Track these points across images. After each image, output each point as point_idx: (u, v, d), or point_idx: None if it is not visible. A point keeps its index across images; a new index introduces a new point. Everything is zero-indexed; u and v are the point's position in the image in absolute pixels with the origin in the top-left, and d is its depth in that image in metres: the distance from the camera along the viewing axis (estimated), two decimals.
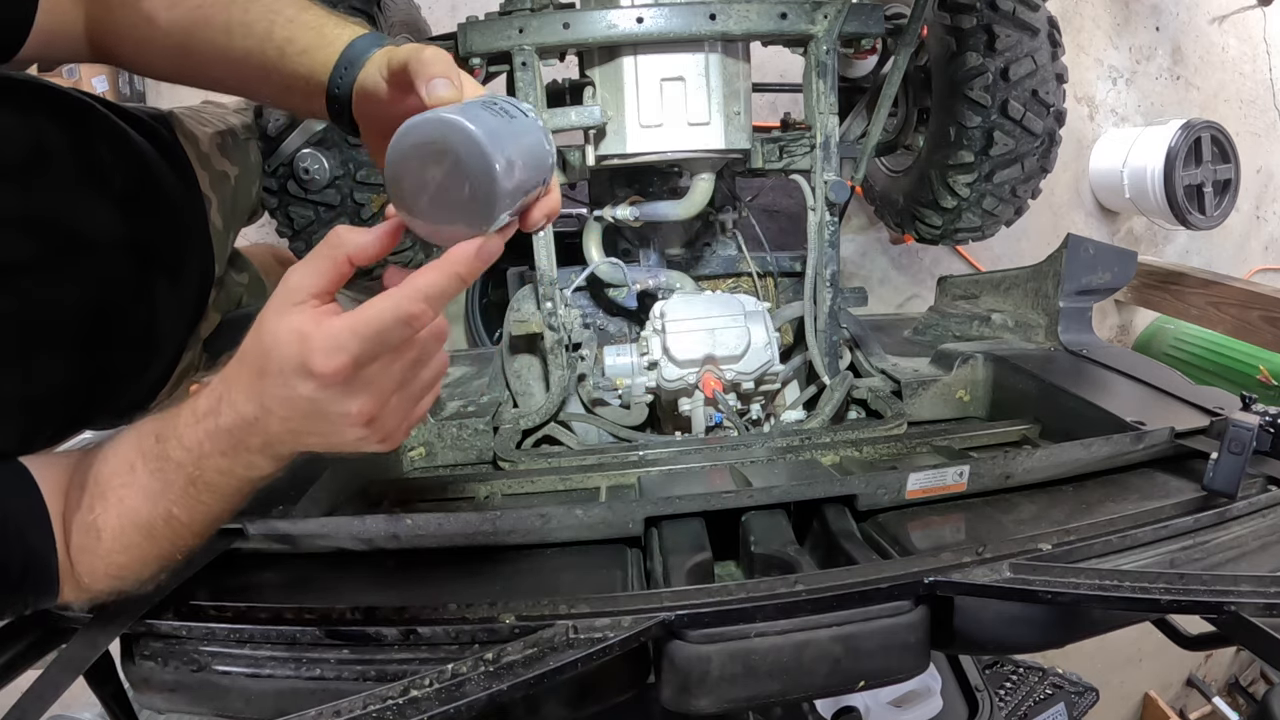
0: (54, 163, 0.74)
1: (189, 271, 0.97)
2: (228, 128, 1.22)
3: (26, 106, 0.73)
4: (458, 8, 2.15)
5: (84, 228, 0.76)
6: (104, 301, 0.78)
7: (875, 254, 2.57)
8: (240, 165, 1.20)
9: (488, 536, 0.77)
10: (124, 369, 0.84)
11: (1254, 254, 3.08)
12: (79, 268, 0.75)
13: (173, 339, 0.96)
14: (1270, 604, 0.61)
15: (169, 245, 0.92)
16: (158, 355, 0.92)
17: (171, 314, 0.93)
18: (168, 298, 0.91)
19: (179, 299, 0.95)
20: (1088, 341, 1.22)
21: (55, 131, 0.75)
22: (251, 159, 1.29)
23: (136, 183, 0.86)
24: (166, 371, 0.98)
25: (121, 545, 0.59)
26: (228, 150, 1.17)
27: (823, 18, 1.15)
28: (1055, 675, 1.76)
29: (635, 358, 1.27)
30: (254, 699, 0.65)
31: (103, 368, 0.80)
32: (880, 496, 0.81)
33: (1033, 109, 1.52)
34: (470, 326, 2.17)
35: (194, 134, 1.09)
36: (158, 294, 0.88)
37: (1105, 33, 2.75)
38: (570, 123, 1.15)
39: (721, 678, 0.62)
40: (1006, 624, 0.71)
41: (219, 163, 1.12)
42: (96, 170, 0.80)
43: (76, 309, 0.75)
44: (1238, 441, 0.75)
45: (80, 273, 0.75)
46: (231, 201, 1.15)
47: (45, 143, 0.73)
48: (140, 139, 0.90)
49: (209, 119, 1.18)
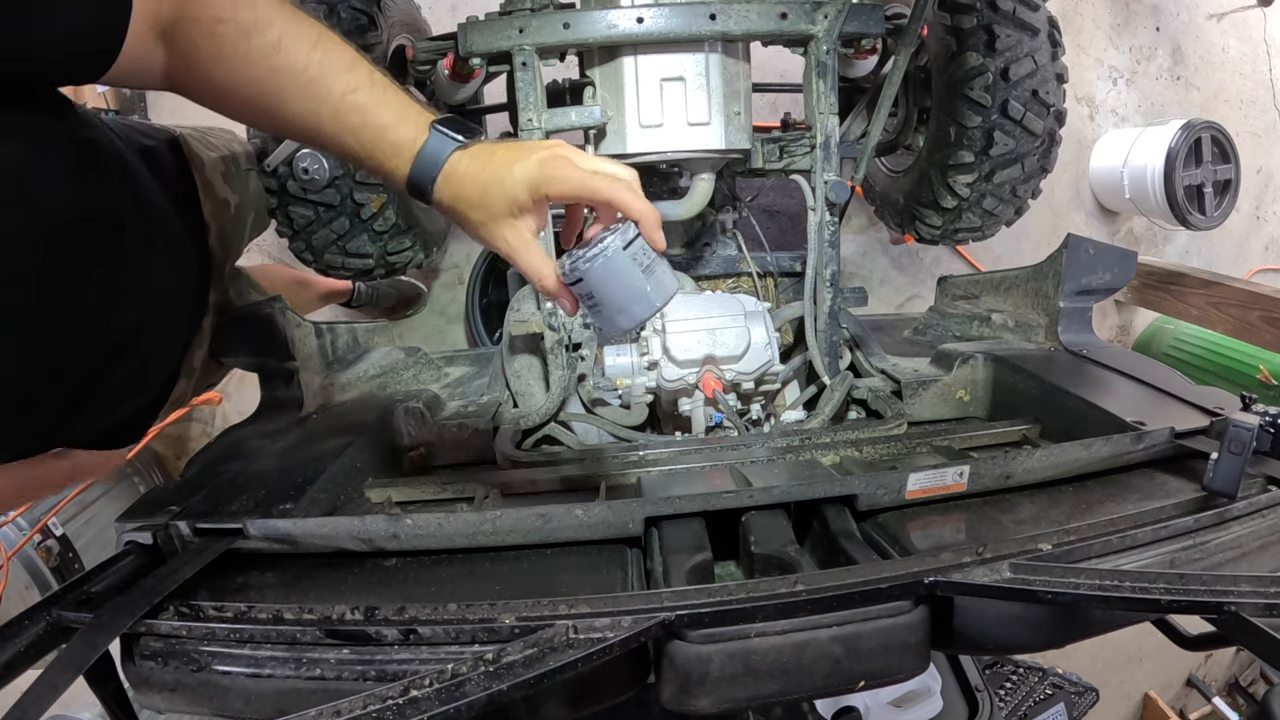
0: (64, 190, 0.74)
1: (183, 299, 0.96)
2: (232, 154, 1.21)
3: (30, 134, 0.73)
4: (458, 7, 2.16)
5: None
6: (96, 325, 0.77)
7: (875, 254, 2.58)
8: (240, 194, 1.20)
9: (488, 536, 0.78)
10: (113, 392, 0.83)
11: (1254, 254, 3.08)
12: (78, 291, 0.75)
13: (165, 366, 0.95)
14: (1270, 604, 0.61)
15: (166, 275, 0.91)
16: (148, 382, 0.91)
17: (164, 340, 0.93)
18: (160, 325, 0.90)
19: (172, 326, 0.94)
20: (1088, 341, 1.22)
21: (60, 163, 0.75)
22: (251, 188, 1.28)
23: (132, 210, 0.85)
24: (159, 398, 0.97)
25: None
26: (230, 178, 1.17)
27: (823, 18, 1.15)
28: (1055, 675, 1.76)
29: (635, 358, 1.27)
30: (254, 699, 0.65)
31: (88, 391, 0.78)
32: (880, 496, 0.81)
33: (1033, 109, 1.52)
34: (470, 326, 2.17)
35: (201, 158, 1.09)
36: (150, 321, 0.87)
37: (1105, 33, 2.75)
38: (570, 123, 1.15)
39: (721, 678, 0.62)
40: (1006, 624, 0.71)
41: (221, 190, 1.12)
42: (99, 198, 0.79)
43: (69, 328, 0.74)
44: (1238, 441, 0.75)
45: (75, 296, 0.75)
46: (230, 230, 1.14)
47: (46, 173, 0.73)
48: (141, 168, 0.90)
49: (215, 144, 1.18)
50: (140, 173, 0.88)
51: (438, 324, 2.30)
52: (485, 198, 0.70)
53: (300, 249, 1.55)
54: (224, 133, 1.29)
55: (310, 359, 1.16)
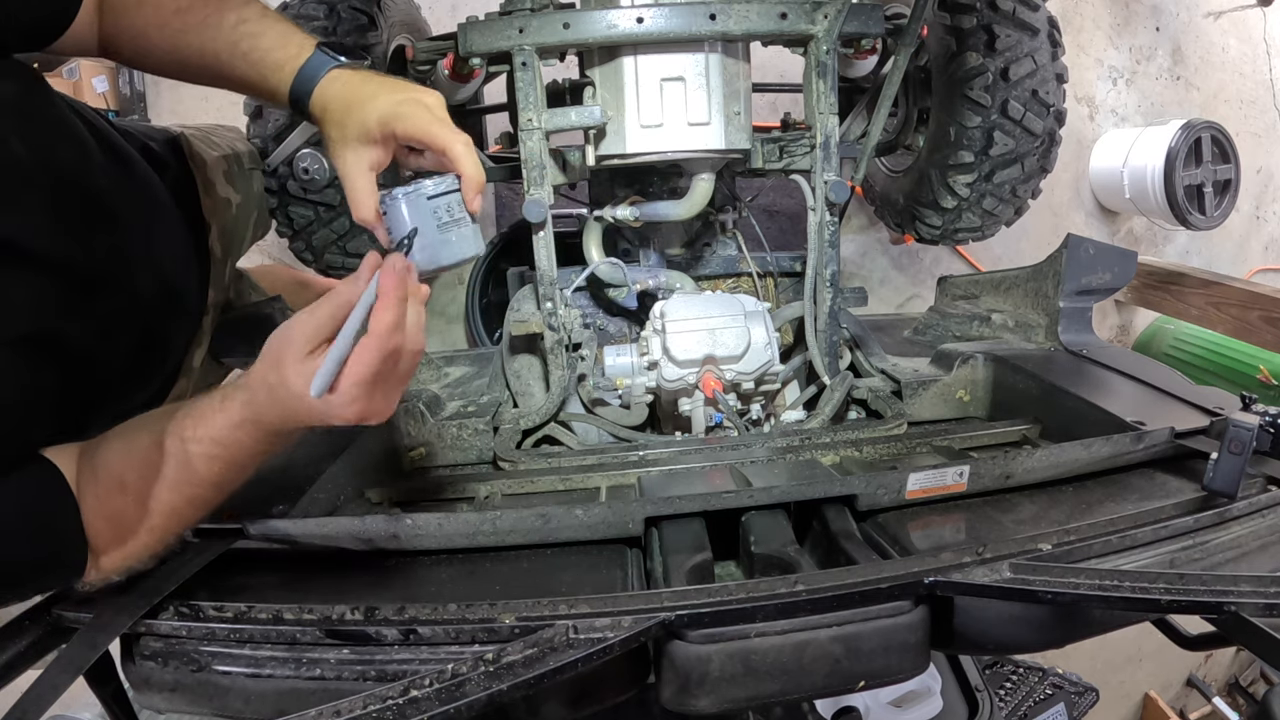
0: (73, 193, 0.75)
1: (165, 299, 0.96)
2: (234, 153, 1.21)
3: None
4: (458, 7, 2.15)
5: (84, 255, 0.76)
6: (104, 328, 0.78)
7: (875, 254, 2.57)
8: (242, 194, 1.20)
9: (488, 536, 0.78)
10: (114, 393, 0.83)
11: (1254, 254, 3.08)
12: (91, 298, 0.75)
13: (163, 367, 0.95)
14: (1270, 604, 0.61)
15: (166, 257, 0.91)
16: (145, 384, 0.92)
17: (170, 325, 0.93)
18: (162, 326, 0.90)
19: (174, 327, 0.94)
20: (1088, 341, 1.22)
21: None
22: (254, 188, 1.29)
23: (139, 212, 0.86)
24: (158, 396, 0.97)
25: (145, 528, 0.68)
26: (232, 177, 1.17)
27: (823, 18, 1.15)
28: (1055, 675, 1.76)
29: (635, 358, 1.27)
30: (254, 699, 0.65)
31: (89, 394, 0.79)
32: (880, 496, 0.81)
33: (1033, 109, 1.52)
34: (470, 326, 2.17)
35: (203, 158, 1.09)
36: (153, 321, 0.87)
37: (1105, 33, 2.75)
38: (570, 123, 1.15)
39: (721, 678, 0.62)
40: (1006, 624, 0.71)
41: (223, 189, 1.12)
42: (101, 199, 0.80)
43: (82, 333, 0.75)
44: (1238, 441, 0.75)
45: (87, 302, 0.75)
46: (231, 229, 1.14)
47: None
48: (146, 167, 0.91)
49: (218, 143, 1.18)
50: (133, 157, 0.89)
51: (438, 324, 2.30)
52: (344, 117, 0.75)
53: (300, 249, 1.55)
54: (228, 131, 1.29)
55: None
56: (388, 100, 0.74)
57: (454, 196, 0.73)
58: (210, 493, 0.70)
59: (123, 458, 0.68)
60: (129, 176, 0.87)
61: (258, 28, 0.77)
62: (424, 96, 0.75)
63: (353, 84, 0.76)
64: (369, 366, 0.63)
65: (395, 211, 0.72)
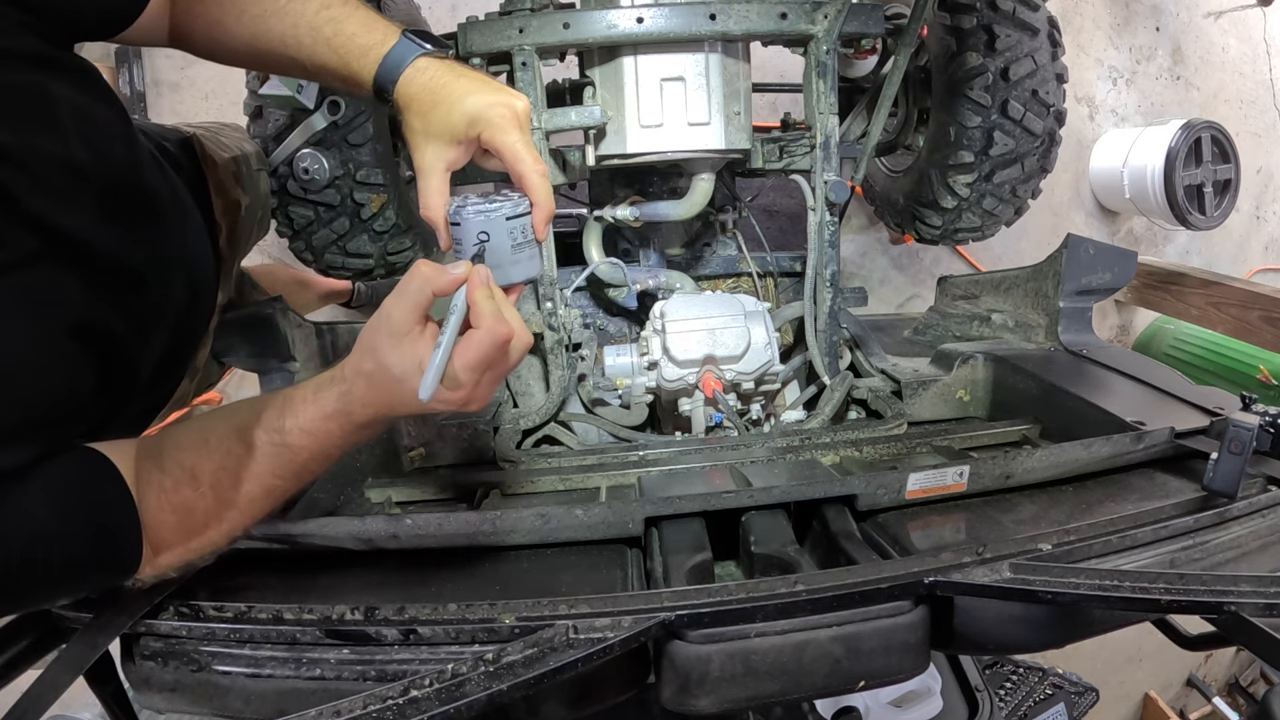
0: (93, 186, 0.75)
1: (192, 299, 0.97)
2: (243, 154, 1.21)
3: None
4: (458, 7, 2.15)
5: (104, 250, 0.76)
6: (140, 326, 0.78)
7: (875, 254, 2.57)
8: (251, 194, 1.20)
9: (488, 536, 0.78)
10: (141, 391, 0.83)
11: (1254, 254, 3.08)
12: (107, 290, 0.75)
13: (185, 368, 0.95)
14: (1270, 604, 0.61)
15: (198, 255, 0.92)
16: (170, 383, 0.92)
17: (191, 341, 0.93)
18: (189, 326, 0.90)
19: (181, 326, 0.94)
20: (1088, 341, 1.22)
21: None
22: (261, 189, 1.29)
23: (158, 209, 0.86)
24: (159, 399, 0.97)
25: (216, 520, 0.69)
26: (242, 178, 1.17)
27: (823, 18, 1.15)
28: (1055, 675, 1.76)
29: (635, 358, 1.27)
30: (254, 699, 0.65)
31: (122, 390, 0.79)
32: (880, 496, 0.81)
33: (1033, 109, 1.52)
34: None
35: (214, 159, 1.09)
36: (181, 321, 0.87)
37: (1105, 33, 2.75)
38: (570, 123, 1.15)
39: (721, 678, 0.62)
40: (1006, 624, 0.71)
41: (234, 191, 1.12)
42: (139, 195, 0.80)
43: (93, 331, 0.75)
44: (1238, 441, 0.75)
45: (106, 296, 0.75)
46: (239, 230, 1.14)
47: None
48: (168, 168, 0.91)
49: (227, 144, 1.18)
50: (158, 159, 0.89)
51: None
52: (431, 110, 0.74)
53: (300, 249, 1.55)
54: (234, 131, 1.29)
55: (311, 359, 1.16)
56: (479, 102, 0.73)
57: (526, 219, 0.74)
58: (290, 484, 0.70)
59: (197, 449, 0.69)
60: (164, 176, 0.87)
61: (342, 12, 0.76)
62: (514, 100, 0.74)
63: (443, 77, 0.75)
64: (482, 352, 0.64)
65: (470, 225, 0.73)
